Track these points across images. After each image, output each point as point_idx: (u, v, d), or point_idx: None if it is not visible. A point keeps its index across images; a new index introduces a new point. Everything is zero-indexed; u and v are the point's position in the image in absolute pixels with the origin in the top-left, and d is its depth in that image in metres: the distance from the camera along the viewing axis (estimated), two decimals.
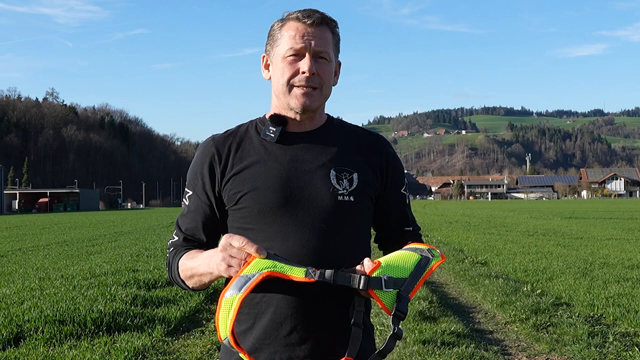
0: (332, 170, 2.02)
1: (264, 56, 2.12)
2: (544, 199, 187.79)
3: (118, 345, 6.67)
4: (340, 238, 1.98)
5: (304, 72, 1.98)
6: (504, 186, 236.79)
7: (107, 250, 18.57)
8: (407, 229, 2.23)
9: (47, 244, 22.15)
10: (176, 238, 2.13)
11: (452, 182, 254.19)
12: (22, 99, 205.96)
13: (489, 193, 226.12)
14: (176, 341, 7.19)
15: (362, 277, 1.75)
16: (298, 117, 2.06)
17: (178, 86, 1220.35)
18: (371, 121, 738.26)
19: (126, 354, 6.31)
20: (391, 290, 1.76)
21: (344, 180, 2.02)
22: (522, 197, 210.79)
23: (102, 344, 6.76)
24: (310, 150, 2.06)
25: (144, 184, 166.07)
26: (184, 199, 2.15)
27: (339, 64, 2.14)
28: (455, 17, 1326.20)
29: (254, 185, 1.99)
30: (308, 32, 1.99)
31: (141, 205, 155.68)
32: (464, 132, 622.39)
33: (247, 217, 2.00)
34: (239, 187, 2.01)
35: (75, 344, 6.83)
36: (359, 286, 1.74)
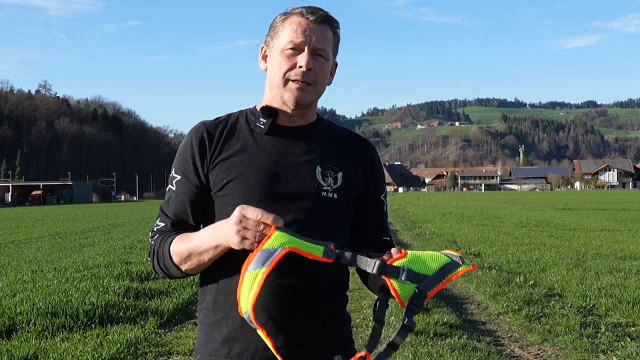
0: (317, 167, 2.02)
1: (262, 47, 2.12)
2: (537, 190, 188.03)
3: (110, 337, 6.66)
4: (321, 233, 1.94)
5: (301, 67, 1.97)
6: (497, 177, 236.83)
7: (100, 243, 18.54)
8: (385, 238, 2.20)
9: (40, 237, 22.10)
10: (162, 224, 2.07)
11: (445, 173, 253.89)
12: (15, 91, 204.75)
13: (482, 184, 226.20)
14: (169, 333, 7.18)
15: (378, 262, 1.72)
16: (290, 112, 2.06)
17: (171, 78, 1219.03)
18: (365, 113, 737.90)
19: (118, 346, 6.30)
20: (409, 282, 1.73)
21: (329, 177, 2.02)
22: (516, 188, 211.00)
23: (94, 336, 6.75)
24: (298, 145, 2.05)
25: (137, 176, 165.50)
26: (170, 185, 2.11)
27: (336, 64, 2.14)
28: (449, 9, 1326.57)
29: (240, 173, 1.99)
30: (310, 28, 1.98)
31: (134, 198, 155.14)
32: (457, 123, 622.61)
33: (231, 204, 1.94)
34: (225, 172, 2.00)
35: (67, 336, 6.82)
36: (372, 270, 1.71)
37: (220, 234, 1.82)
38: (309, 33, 1.98)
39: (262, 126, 2.05)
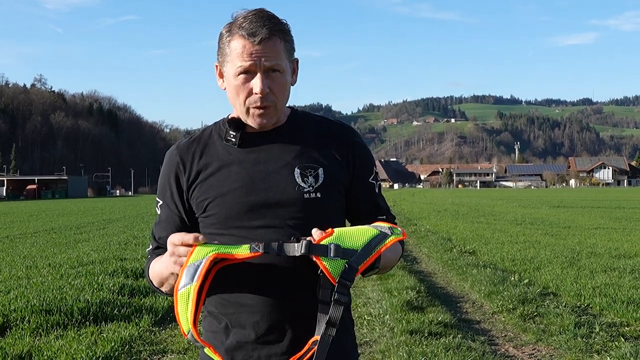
0: (296, 169, 1.99)
1: (216, 65, 2.05)
2: (532, 187, 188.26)
3: (105, 335, 6.64)
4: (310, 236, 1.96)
5: (256, 93, 1.92)
6: (493, 175, 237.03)
7: (95, 238, 18.50)
8: (380, 217, 2.14)
9: (34, 232, 22.05)
10: (151, 247, 2.15)
11: (441, 170, 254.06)
12: (10, 85, 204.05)
13: (478, 181, 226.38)
14: (163, 331, 7.17)
15: (304, 242, 1.74)
16: (257, 128, 2.03)
17: (168, 73, 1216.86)
18: (360, 109, 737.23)
19: (113, 344, 6.28)
20: (339, 259, 1.74)
21: (310, 177, 1.99)
22: (511, 185, 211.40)
23: (88, 334, 6.74)
24: (273, 150, 2.02)
25: (132, 171, 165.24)
26: (156, 208, 2.16)
27: (296, 61, 2.05)
28: (447, 5, 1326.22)
29: (219, 192, 1.98)
30: (256, 49, 1.89)
31: (130, 193, 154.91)
32: (453, 120, 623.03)
33: (216, 224, 1.99)
34: (205, 194, 2.01)
35: (61, 334, 6.81)
36: (300, 252, 1.74)
37: (168, 266, 1.87)
38: (256, 55, 1.89)
39: (233, 139, 2.03)
